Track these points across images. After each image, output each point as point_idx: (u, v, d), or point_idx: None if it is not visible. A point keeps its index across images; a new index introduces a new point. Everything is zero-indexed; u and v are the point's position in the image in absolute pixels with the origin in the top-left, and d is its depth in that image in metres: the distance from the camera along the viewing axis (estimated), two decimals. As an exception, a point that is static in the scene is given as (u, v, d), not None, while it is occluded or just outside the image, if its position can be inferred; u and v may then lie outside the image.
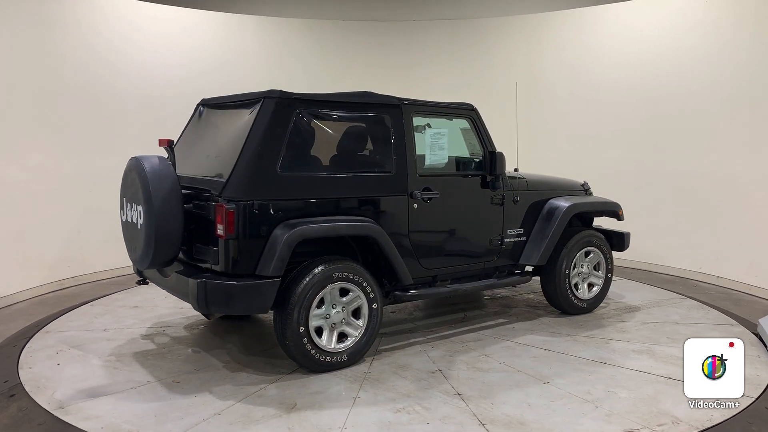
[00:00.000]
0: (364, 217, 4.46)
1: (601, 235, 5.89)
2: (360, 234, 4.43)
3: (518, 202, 5.37)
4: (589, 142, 8.29)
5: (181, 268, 4.41)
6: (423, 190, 4.75)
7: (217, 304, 4.02)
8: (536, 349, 4.85)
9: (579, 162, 8.10)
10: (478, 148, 5.22)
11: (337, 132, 4.65)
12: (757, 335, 5.14)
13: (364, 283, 4.42)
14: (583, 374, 4.32)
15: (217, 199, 4.03)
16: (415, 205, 4.72)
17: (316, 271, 4.21)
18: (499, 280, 5.38)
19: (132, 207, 4.37)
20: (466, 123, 5.19)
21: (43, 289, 6.68)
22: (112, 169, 5.01)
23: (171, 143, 4.43)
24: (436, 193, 4.82)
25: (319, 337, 4.29)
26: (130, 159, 4.37)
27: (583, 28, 8.41)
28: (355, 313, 4.47)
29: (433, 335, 5.19)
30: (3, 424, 3.59)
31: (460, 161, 5.33)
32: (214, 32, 8.28)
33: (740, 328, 5.34)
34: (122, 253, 4.73)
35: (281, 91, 4.24)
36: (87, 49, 7.16)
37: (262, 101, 4.23)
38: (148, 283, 4.97)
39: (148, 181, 4.08)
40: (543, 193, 5.65)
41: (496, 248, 5.29)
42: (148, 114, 7.53)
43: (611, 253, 5.93)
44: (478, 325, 5.45)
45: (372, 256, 4.68)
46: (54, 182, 6.80)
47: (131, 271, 6.50)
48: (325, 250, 4.50)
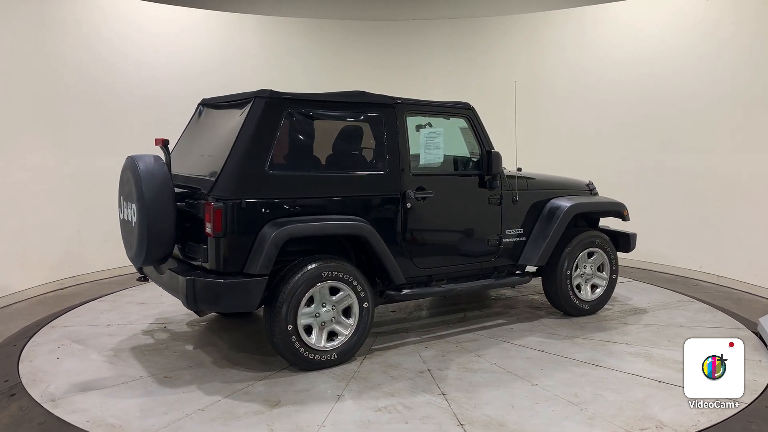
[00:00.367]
0: (355, 217, 4.47)
1: (605, 236, 5.80)
2: (348, 233, 4.44)
3: (517, 202, 5.32)
4: (590, 141, 8.30)
5: (176, 265, 4.48)
6: (416, 190, 4.74)
7: (205, 302, 4.07)
8: (531, 350, 4.80)
9: (579, 161, 8.11)
10: (477, 148, 5.18)
11: (329, 131, 4.67)
12: (758, 334, 5.09)
13: (355, 282, 4.43)
14: (573, 376, 4.26)
15: (207, 197, 4.08)
16: (409, 205, 4.71)
17: (305, 269, 4.24)
18: (497, 281, 5.33)
19: (128, 205, 4.46)
20: (464, 122, 5.16)
21: (44, 289, 6.69)
22: (112, 168, 5.05)
23: (166, 143, 4.48)
24: (430, 193, 4.80)
25: (309, 336, 4.32)
26: (127, 158, 4.45)
27: (583, 27, 8.40)
28: (347, 312, 4.49)
29: (429, 335, 5.17)
30: (3, 423, 3.63)
31: (458, 160, 5.30)
32: (214, 32, 8.28)
33: (746, 332, 5.21)
34: (122, 253, 4.77)
35: (271, 90, 4.28)
36: (87, 49, 7.17)
37: (252, 101, 4.27)
38: (149, 281, 5.05)
39: (141, 180, 4.15)
40: (544, 193, 5.58)
41: (494, 248, 5.25)
42: (148, 114, 7.54)
43: (616, 254, 5.83)
44: (476, 326, 5.42)
45: (365, 255, 4.69)
46: (54, 182, 6.82)
47: (131, 271, 6.53)
48: (320, 249, 4.52)
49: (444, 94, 5.90)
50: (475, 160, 5.22)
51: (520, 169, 5.86)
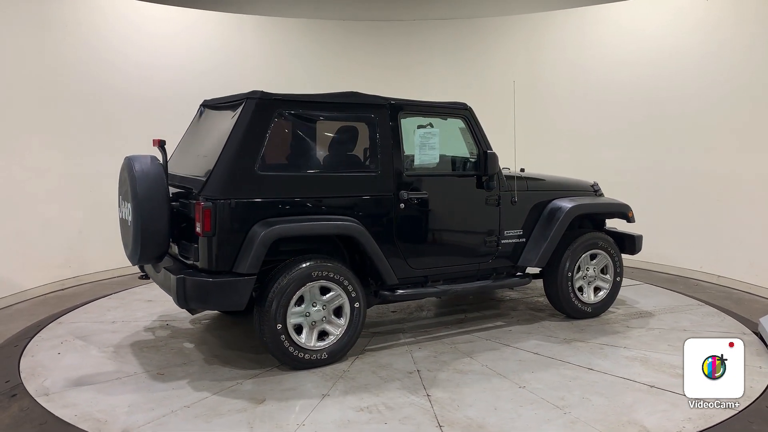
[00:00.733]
0: (347, 217, 4.48)
1: (609, 238, 5.71)
2: (337, 233, 4.46)
3: (516, 202, 5.27)
4: (590, 141, 8.28)
5: (171, 264, 4.55)
6: (410, 190, 4.74)
7: (195, 300, 4.13)
8: (525, 352, 4.75)
9: (580, 161, 8.11)
10: (475, 148, 5.15)
11: (321, 132, 4.69)
12: (758, 334, 5.03)
13: (346, 282, 4.44)
14: (564, 379, 4.21)
15: (198, 197, 4.14)
16: (402, 205, 4.70)
17: (295, 269, 4.27)
18: (494, 282, 5.29)
19: (125, 205, 4.55)
20: (461, 123, 5.13)
21: (45, 289, 6.68)
22: (113, 168, 5.11)
23: (162, 143, 4.55)
24: (425, 194, 4.79)
25: (299, 335, 4.35)
26: (125, 158, 4.54)
27: (583, 28, 8.38)
28: (338, 312, 4.51)
29: (426, 336, 5.16)
30: (4, 424, 3.65)
31: (455, 161, 5.28)
32: (214, 32, 8.27)
33: (752, 337, 5.08)
34: (123, 253, 4.78)
35: (262, 92, 4.32)
36: (87, 49, 7.16)
37: (244, 102, 4.32)
38: (150, 279, 5.14)
39: (136, 180, 4.24)
40: (545, 194, 5.52)
41: (492, 249, 5.21)
42: (149, 114, 7.54)
43: (620, 256, 5.74)
44: (474, 327, 5.39)
45: (359, 255, 4.70)
46: (55, 182, 6.81)
47: (132, 271, 6.66)
48: (315, 249, 4.55)
49: (444, 94, 5.86)
50: (473, 160, 5.19)
51: (523, 170, 5.82)
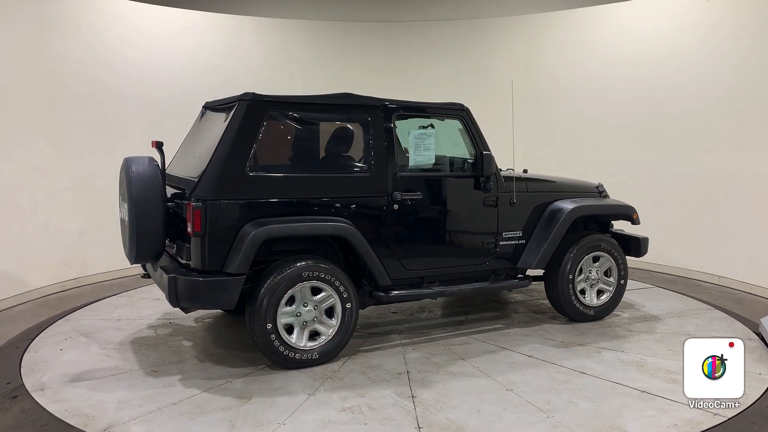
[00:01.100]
0: (338, 218, 4.50)
1: (613, 240, 5.62)
2: (327, 234, 4.48)
3: (515, 204, 5.22)
4: (591, 141, 8.24)
5: (168, 263, 4.63)
6: (404, 191, 4.73)
7: (185, 299, 4.19)
8: (519, 355, 4.71)
9: (580, 162, 8.06)
10: (472, 149, 5.12)
11: (313, 133, 4.70)
12: (759, 334, 4.96)
13: (337, 283, 4.46)
14: (553, 383, 4.16)
15: (189, 198, 4.21)
16: (396, 206, 4.70)
17: (285, 269, 4.30)
18: (492, 284, 5.24)
19: (123, 205, 4.64)
20: (458, 123, 5.10)
21: (45, 291, 6.67)
22: (113, 169, 5.21)
23: (160, 144, 4.63)
24: (419, 194, 4.78)
25: (290, 335, 4.38)
26: (124, 159, 4.64)
27: (584, 28, 8.33)
28: (330, 312, 4.53)
29: (422, 337, 5.15)
30: (5, 425, 3.67)
31: (453, 162, 5.25)
32: (214, 33, 8.28)
33: (757, 343, 4.95)
34: (123, 254, 4.78)
35: (254, 93, 4.36)
36: (87, 50, 7.16)
37: (236, 104, 4.38)
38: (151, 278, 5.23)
39: (132, 181, 4.33)
40: (546, 195, 5.46)
41: (490, 251, 5.17)
42: (149, 115, 7.55)
43: (624, 258, 5.64)
44: (472, 329, 5.36)
45: (354, 256, 4.72)
46: (55, 184, 6.80)
47: (133, 272, 6.83)
48: (310, 250, 4.59)
49: (445, 95, 5.83)
50: (472, 161, 5.15)
51: (526, 171, 5.77)
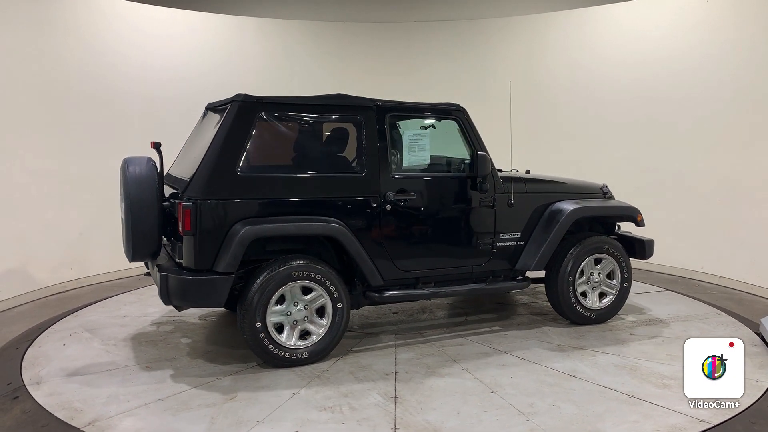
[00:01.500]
0: (329, 218, 4.52)
1: (616, 242, 5.53)
2: (317, 234, 4.50)
3: (513, 204, 5.17)
4: (591, 142, 8.19)
5: (165, 262, 4.72)
6: (397, 192, 4.73)
7: (176, 297, 4.27)
8: (512, 357, 4.67)
9: (580, 162, 8.02)
10: (468, 149, 5.09)
11: (305, 134, 4.73)
12: (759, 335, 4.88)
13: (328, 283, 4.48)
14: (541, 386, 4.11)
15: (181, 198, 4.28)
16: (388, 207, 4.70)
17: (275, 269, 4.35)
18: (489, 285, 5.20)
19: (122, 204, 4.75)
20: (454, 124, 5.08)
21: (46, 292, 6.70)
22: (113, 170, 5.31)
23: (158, 145, 4.71)
24: (412, 195, 4.78)
25: (280, 334, 4.42)
26: (123, 159, 4.75)
27: (584, 28, 8.27)
28: (321, 312, 4.55)
29: (417, 338, 5.14)
30: (6, 426, 3.69)
31: (450, 162, 5.23)
32: (215, 34, 8.28)
33: (761, 348, 4.82)
34: (123, 254, 4.83)
35: (245, 95, 4.42)
36: (87, 51, 7.18)
37: (229, 105, 4.44)
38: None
39: (128, 180, 4.43)
40: (546, 196, 5.40)
41: (487, 252, 5.13)
42: (150, 116, 7.58)
43: (628, 261, 5.54)
44: (470, 331, 5.33)
45: (348, 256, 4.73)
46: (55, 184, 6.81)
47: (133, 273, 6.96)
48: (304, 250, 4.63)
49: (445, 96, 5.79)
50: (468, 162, 5.12)
51: (528, 171, 5.71)
